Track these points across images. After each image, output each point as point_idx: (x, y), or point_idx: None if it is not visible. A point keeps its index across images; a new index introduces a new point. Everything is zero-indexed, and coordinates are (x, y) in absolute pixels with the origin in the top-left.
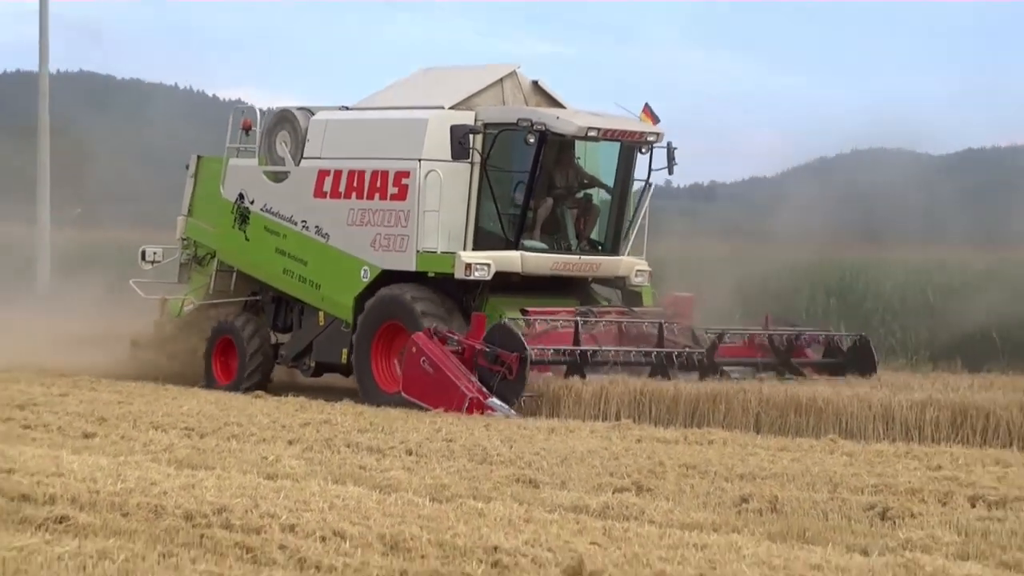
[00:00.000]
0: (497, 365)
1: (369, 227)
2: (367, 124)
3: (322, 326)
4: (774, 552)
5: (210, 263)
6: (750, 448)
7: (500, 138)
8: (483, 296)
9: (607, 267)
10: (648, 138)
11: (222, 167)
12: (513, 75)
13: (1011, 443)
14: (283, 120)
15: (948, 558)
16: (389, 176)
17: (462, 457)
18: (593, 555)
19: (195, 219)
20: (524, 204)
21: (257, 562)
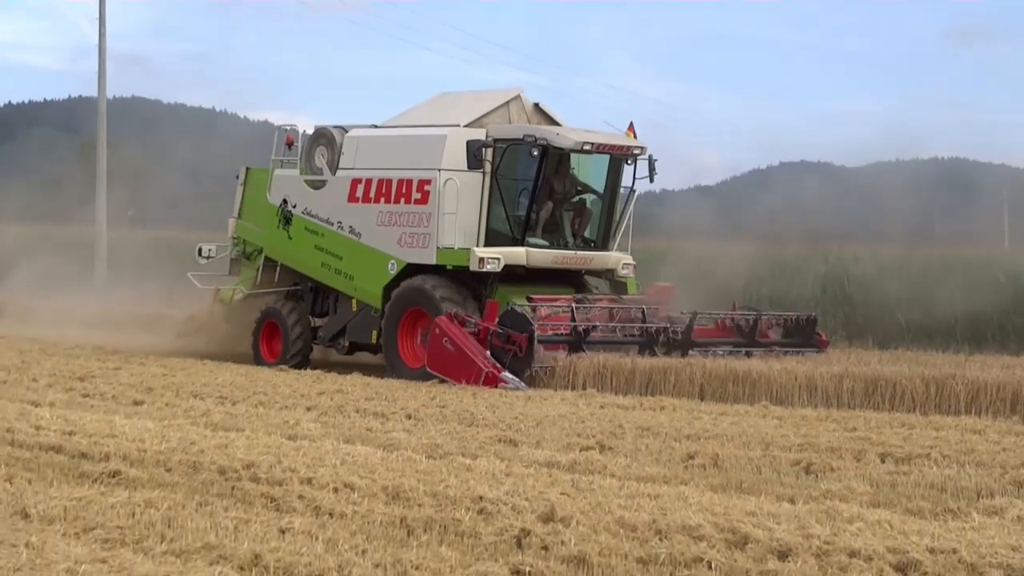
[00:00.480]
0: (509, 344)
1: (396, 227)
2: (394, 140)
3: (355, 312)
4: (716, 501)
5: (257, 258)
6: (695, 413)
7: (508, 151)
8: (493, 285)
9: (598, 261)
10: (634, 151)
11: (268, 177)
12: (518, 98)
13: (915, 409)
14: (321, 137)
15: (862, 506)
16: (413, 184)
17: (453, 421)
18: (563, 503)
19: (244, 220)
20: (528, 207)
21: (280, 510)
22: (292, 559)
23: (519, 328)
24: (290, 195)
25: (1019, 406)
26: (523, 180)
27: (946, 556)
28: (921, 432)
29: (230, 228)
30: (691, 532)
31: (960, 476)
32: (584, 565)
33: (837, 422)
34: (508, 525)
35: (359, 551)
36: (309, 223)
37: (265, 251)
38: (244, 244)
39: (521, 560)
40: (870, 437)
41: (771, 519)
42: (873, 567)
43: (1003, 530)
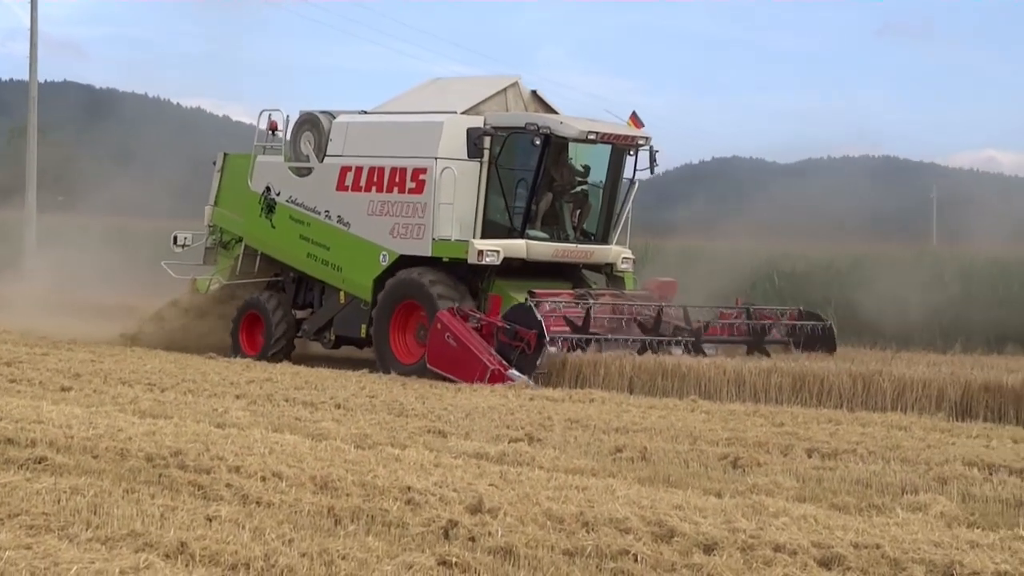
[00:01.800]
0: (516, 341)
1: (388, 217)
2: (386, 127)
3: (342, 304)
4: (643, 494)
5: (235, 247)
6: (624, 406)
7: (509, 140)
8: (490, 279)
9: (599, 255)
10: (638, 142)
11: (250, 163)
12: (515, 85)
13: (841, 404)
14: (307, 122)
15: (788, 500)
16: (407, 172)
17: (382, 411)
18: (491, 494)
19: (221, 208)
20: (529, 198)
21: (207, 498)
22: (218, 547)
23: (527, 324)
24: (274, 182)
25: (944, 403)
26: (521, 170)
27: (870, 551)
28: (848, 428)
29: (206, 216)
30: (618, 525)
31: (885, 472)
32: (511, 556)
33: (765, 417)
34: (436, 516)
35: (286, 540)
36: (294, 212)
37: (246, 240)
38: (221, 232)
39: (448, 551)
40: (797, 432)
41: (698, 513)
42: (797, 561)
43: (926, 526)
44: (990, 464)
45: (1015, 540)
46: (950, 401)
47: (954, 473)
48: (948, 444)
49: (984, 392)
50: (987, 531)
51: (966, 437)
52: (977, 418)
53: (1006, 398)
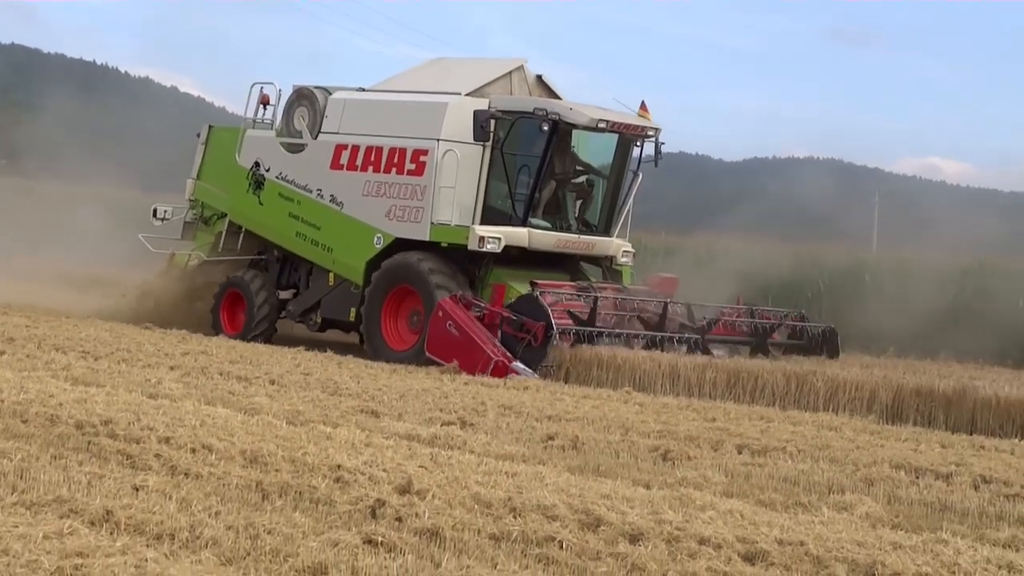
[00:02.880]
0: (522, 332)
1: (384, 199)
2: (386, 105)
3: (331, 286)
4: (572, 482)
5: (217, 223)
6: (558, 395)
7: (515, 125)
8: (488, 267)
9: (600, 247)
10: (648, 132)
11: (238, 137)
12: (520, 69)
13: (774, 403)
14: (302, 97)
15: (716, 495)
16: (407, 153)
17: (316, 388)
18: (421, 476)
19: (204, 182)
20: (533, 186)
21: (135, 467)
22: (144, 516)
23: (535, 316)
24: (263, 158)
25: (876, 405)
26: (524, 156)
27: (793, 548)
28: (779, 426)
29: (187, 189)
30: (545, 512)
31: (813, 471)
32: (437, 538)
33: (697, 412)
34: (364, 495)
35: (212, 512)
36: (284, 189)
37: (230, 216)
38: (203, 207)
39: (374, 530)
40: (728, 428)
41: (625, 503)
42: (722, 555)
43: (851, 526)
44: (917, 467)
45: (937, 543)
46: (881, 404)
47: (881, 475)
48: (877, 446)
49: (915, 396)
50: (910, 533)
51: (895, 440)
52: (907, 422)
53: (936, 403)
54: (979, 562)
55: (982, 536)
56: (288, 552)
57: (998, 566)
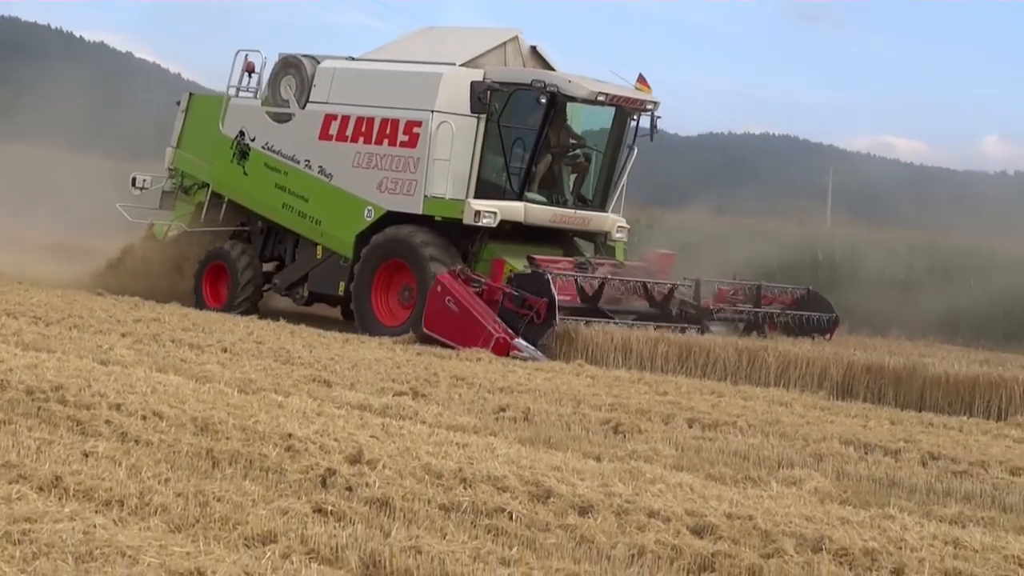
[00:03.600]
0: (524, 309)
1: (375, 171)
2: (378, 75)
3: (319, 259)
4: (523, 454)
5: (197, 193)
6: (511, 367)
7: (512, 97)
8: (482, 242)
9: (596, 222)
10: (647, 106)
11: (222, 105)
12: (515, 39)
13: (726, 377)
14: (289, 66)
15: (666, 468)
16: (400, 124)
17: (269, 357)
18: (371, 446)
19: (184, 151)
20: (530, 160)
21: (85, 433)
22: (93, 483)
23: (538, 292)
24: (248, 127)
25: (826, 381)
26: (521, 129)
27: (742, 522)
28: (730, 400)
29: (167, 158)
30: (496, 483)
31: (763, 446)
32: (387, 508)
33: (649, 385)
34: (314, 464)
35: (162, 479)
36: (270, 159)
37: (213, 186)
38: (182, 177)
39: (324, 499)
40: (680, 402)
41: (575, 475)
42: (671, 528)
43: (799, 500)
44: (866, 443)
45: (884, 519)
46: (832, 380)
47: (830, 450)
48: (827, 422)
49: (866, 373)
50: (858, 508)
51: (845, 416)
52: (857, 398)
53: (886, 379)
54: (925, 538)
55: (929, 512)
56: (237, 520)
57: (944, 542)
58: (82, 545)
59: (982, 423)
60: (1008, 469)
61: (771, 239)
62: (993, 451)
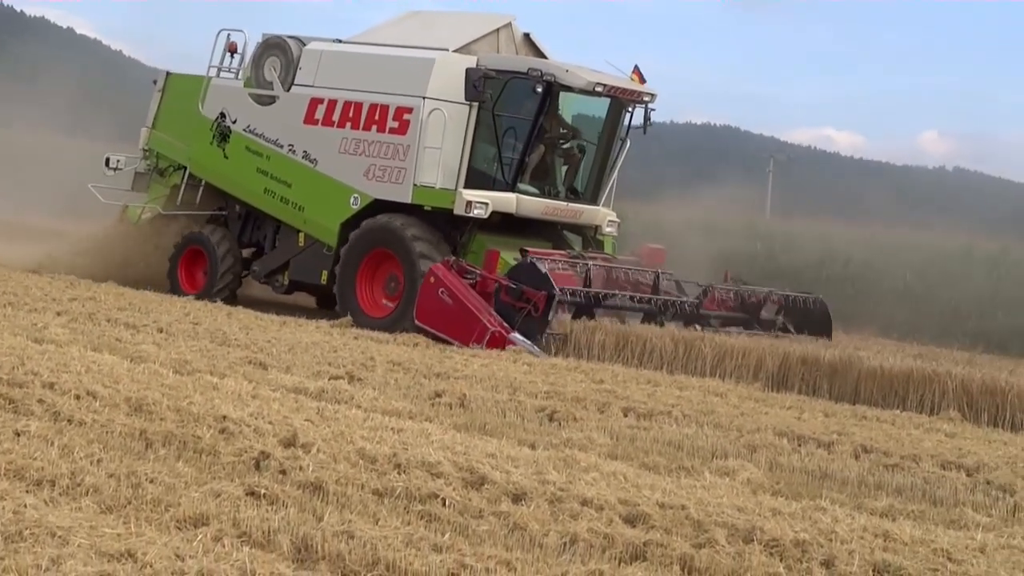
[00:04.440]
0: (522, 302)
1: (363, 157)
2: (367, 59)
3: (301, 247)
4: (458, 440)
5: (172, 175)
6: (447, 352)
7: (507, 85)
8: (471, 233)
9: (588, 215)
10: (644, 98)
11: (203, 86)
12: (508, 26)
13: (662, 367)
14: (274, 47)
15: (600, 457)
16: (389, 110)
17: (205, 338)
18: (306, 430)
19: (160, 132)
20: (523, 150)
21: (18, 412)
22: (24, 463)
23: (536, 285)
24: (230, 108)
25: (762, 372)
26: (513, 118)
27: (674, 512)
28: (665, 390)
29: (141, 138)
30: (430, 468)
31: (698, 436)
32: (320, 492)
33: (586, 373)
34: (248, 446)
35: (94, 460)
36: (252, 142)
37: (191, 168)
38: (157, 158)
39: (257, 482)
40: (615, 391)
41: (510, 462)
42: (603, 516)
43: (732, 491)
44: (799, 435)
45: (816, 510)
46: (767, 371)
47: (764, 441)
48: (761, 413)
49: (801, 364)
50: (790, 500)
51: (779, 407)
52: (792, 389)
53: (821, 371)
54: (856, 530)
55: (860, 505)
56: (169, 502)
57: (874, 534)
58: (12, 525)
59: (915, 417)
60: (939, 463)
61: (712, 230)
62: (925, 445)
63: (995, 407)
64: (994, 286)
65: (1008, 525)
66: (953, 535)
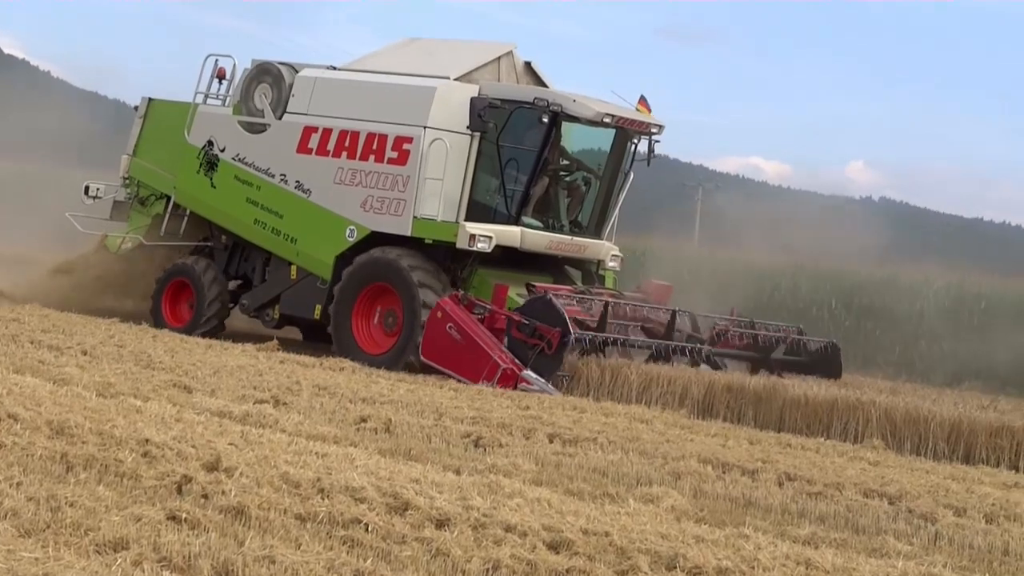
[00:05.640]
0: (535, 339)
1: (359, 188)
2: (365, 87)
3: (293, 280)
4: (382, 465)
5: (154, 204)
6: (374, 377)
7: (512, 115)
8: (472, 267)
9: (592, 250)
10: (652, 129)
11: (189, 112)
12: (510, 55)
13: (588, 393)
14: (265, 73)
15: (525, 483)
16: (388, 140)
17: (129, 361)
18: (229, 453)
19: (142, 160)
20: (528, 182)
21: None
22: None
23: (550, 321)
24: (218, 136)
25: (687, 399)
26: (517, 149)
27: (598, 538)
28: (592, 416)
29: (122, 166)
30: (353, 494)
31: (623, 462)
32: (242, 516)
33: (511, 399)
34: (171, 470)
35: (14, 483)
36: (241, 172)
37: (176, 198)
38: (139, 186)
39: (179, 506)
40: (542, 417)
41: (434, 488)
42: (527, 543)
43: (656, 518)
44: (724, 463)
45: (739, 538)
46: (693, 398)
47: (689, 469)
48: (686, 440)
49: (726, 392)
50: (714, 527)
51: (704, 435)
52: (717, 417)
53: (746, 399)
54: (778, 558)
55: (783, 532)
56: (89, 526)
57: (796, 562)
58: None
59: (839, 445)
60: (862, 491)
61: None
62: (848, 473)
63: (918, 436)
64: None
65: (929, 553)
66: (875, 563)
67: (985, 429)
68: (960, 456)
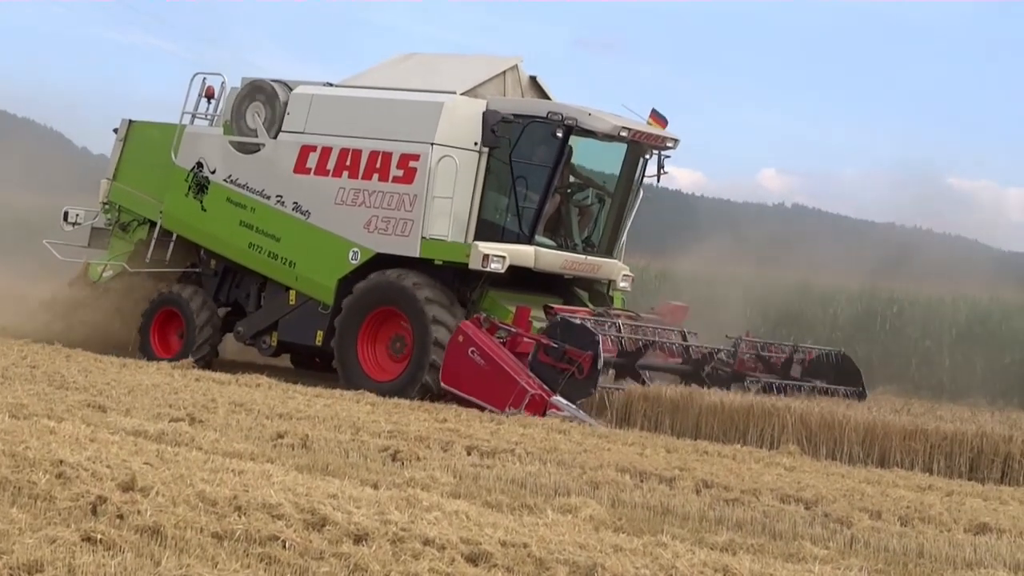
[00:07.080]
0: (564, 363)
1: (363, 208)
2: (365, 103)
3: (292, 305)
4: (300, 481)
5: (136, 230)
6: (290, 393)
7: (525, 130)
8: (483, 289)
9: (605, 269)
10: (668, 144)
11: (172, 134)
12: (515, 68)
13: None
14: (257, 91)
15: (443, 496)
16: (392, 158)
17: (43, 382)
18: (145, 473)
19: (122, 184)
20: (542, 199)
21: None
22: None
23: (581, 344)
24: (208, 158)
25: (605, 410)
26: (527, 164)
27: (517, 550)
28: (509, 428)
29: (101, 191)
30: (270, 510)
31: (541, 473)
32: (158, 536)
33: (429, 412)
34: (85, 491)
35: None
36: (234, 194)
37: (163, 223)
38: (120, 212)
39: (94, 527)
40: (459, 429)
41: (352, 503)
42: (445, 556)
43: (574, 528)
44: (642, 471)
45: (657, 546)
46: (611, 408)
47: (606, 478)
48: (604, 450)
49: (643, 401)
50: (632, 536)
51: (622, 444)
52: (635, 426)
53: (663, 408)
54: (696, 565)
55: (701, 540)
56: (2, 549)
57: (714, 569)
58: None
59: (755, 451)
60: (779, 497)
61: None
62: (765, 479)
63: (833, 441)
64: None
65: (845, 557)
66: (792, 568)
67: (899, 432)
68: (875, 460)
